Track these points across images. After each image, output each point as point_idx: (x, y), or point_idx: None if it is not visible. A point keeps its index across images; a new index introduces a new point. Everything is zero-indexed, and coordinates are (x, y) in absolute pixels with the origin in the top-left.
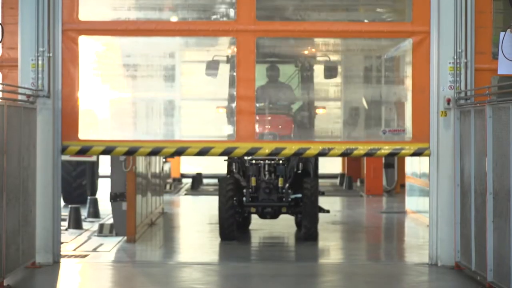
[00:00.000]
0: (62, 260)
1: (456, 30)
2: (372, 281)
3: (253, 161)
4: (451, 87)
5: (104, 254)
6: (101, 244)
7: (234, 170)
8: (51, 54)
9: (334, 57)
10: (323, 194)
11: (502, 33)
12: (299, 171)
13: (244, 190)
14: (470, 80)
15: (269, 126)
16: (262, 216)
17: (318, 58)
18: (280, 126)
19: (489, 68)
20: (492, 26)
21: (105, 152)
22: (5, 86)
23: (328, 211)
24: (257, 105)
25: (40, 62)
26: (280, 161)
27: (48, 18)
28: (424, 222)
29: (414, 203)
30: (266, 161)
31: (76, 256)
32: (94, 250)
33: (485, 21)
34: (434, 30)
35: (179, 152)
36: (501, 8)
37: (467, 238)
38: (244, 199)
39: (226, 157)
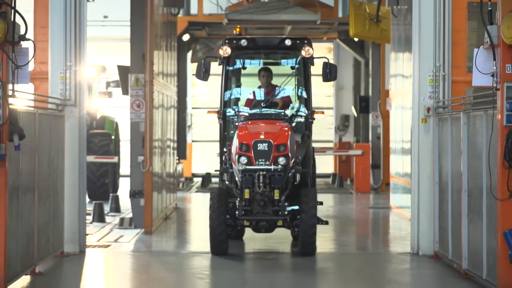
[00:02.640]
0: (87, 249)
1: (435, 47)
2: (361, 268)
3: (247, 172)
4: (430, 97)
5: (124, 244)
6: (121, 236)
7: (226, 180)
8: (77, 68)
9: None
10: (321, 204)
11: (475, 49)
12: (296, 182)
13: (237, 203)
14: (447, 91)
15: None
16: (256, 230)
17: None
18: (276, 134)
19: (464, 80)
20: (466, 43)
21: None
22: (37, 96)
23: (327, 223)
24: (251, 111)
25: (67, 75)
26: (276, 172)
27: (75, 36)
28: (406, 216)
29: (398, 200)
30: (261, 172)
31: (99, 246)
32: (116, 241)
33: (461, 39)
34: (415, 48)
35: None
36: (475, 27)
37: (445, 230)
38: (236, 212)
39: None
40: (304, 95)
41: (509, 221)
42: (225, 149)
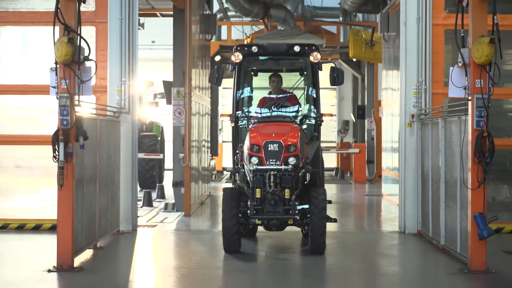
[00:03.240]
0: (138, 228)
1: (418, 66)
2: (359, 244)
3: (258, 172)
4: (414, 106)
5: (168, 224)
6: (166, 218)
7: (238, 180)
8: (130, 83)
9: None
10: (330, 202)
11: (451, 68)
12: (306, 182)
13: (249, 202)
14: (428, 101)
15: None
16: (268, 228)
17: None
18: (286, 135)
19: (442, 93)
20: (444, 63)
21: None
22: (98, 105)
23: (335, 220)
24: (262, 113)
25: (122, 88)
26: (287, 172)
27: (128, 57)
28: (395, 202)
29: (388, 189)
30: (272, 172)
31: (148, 226)
32: (161, 221)
33: (439, 59)
34: (402, 66)
35: None
36: (450, 50)
37: (426, 213)
38: (248, 212)
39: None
40: (313, 98)
41: (478, 206)
42: (237, 150)
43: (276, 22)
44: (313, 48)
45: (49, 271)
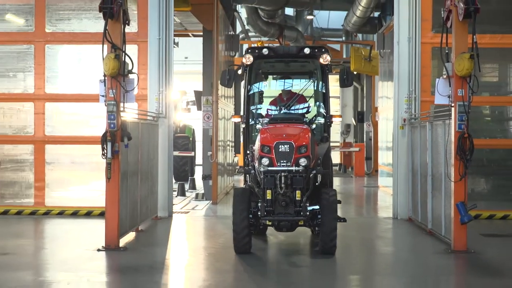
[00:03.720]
0: (173, 214)
1: (409, 78)
2: (359, 228)
3: (268, 173)
4: (406, 112)
5: (198, 211)
6: (196, 205)
7: (248, 181)
8: (167, 92)
9: None
10: (339, 202)
11: (437, 79)
12: (317, 183)
13: (259, 204)
14: (417, 107)
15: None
16: (278, 229)
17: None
18: (297, 136)
19: (429, 100)
20: (431, 75)
21: None
22: (139, 111)
23: (345, 220)
24: (272, 113)
25: (160, 97)
26: (298, 173)
27: (165, 70)
28: (389, 193)
29: (383, 181)
30: (282, 173)
31: (182, 212)
32: (193, 209)
33: (427, 72)
34: (395, 78)
35: None
36: (436, 64)
37: (416, 202)
38: (259, 213)
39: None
40: (323, 100)
41: (460, 196)
42: (248, 151)
43: (289, 41)
44: (323, 50)
45: (99, 250)
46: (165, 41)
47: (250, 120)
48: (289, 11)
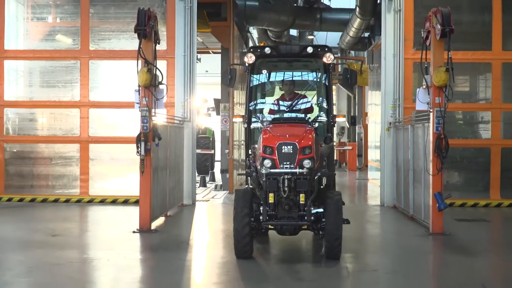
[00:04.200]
0: (196, 202)
1: (394, 88)
2: (352, 214)
3: (271, 175)
4: (391, 116)
5: (217, 199)
6: (215, 195)
7: (250, 185)
8: (190, 100)
9: None
10: (343, 204)
11: (417, 89)
12: (322, 186)
13: (261, 208)
14: (401, 112)
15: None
16: (281, 233)
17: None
18: (300, 136)
19: (411, 107)
20: (412, 85)
21: None
22: (168, 116)
23: (348, 222)
24: (275, 116)
25: (185, 104)
26: (302, 175)
27: (189, 82)
28: (377, 184)
29: (372, 175)
30: (286, 175)
31: (203, 201)
32: (212, 197)
33: (409, 82)
34: (383, 88)
35: None
36: (417, 76)
37: (399, 192)
38: (261, 218)
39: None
40: (326, 99)
41: (437, 187)
42: (250, 152)
43: None
44: (326, 49)
45: (134, 232)
46: (189, 57)
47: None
48: (293, 32)
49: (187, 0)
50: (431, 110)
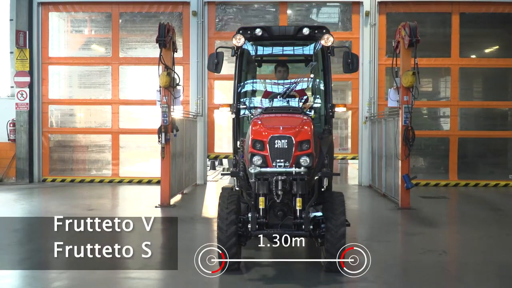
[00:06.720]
0: (207, 182)
1: (370, 88)
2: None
3: (261, 175)
4: (368, 112)
5: (225, 180)
6: (223, 177)
7: (236, 186)
8: (203, 99)
9: None
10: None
11: (389, 89)
12: (323, 188)
13: (250, 214)
14: (376, 108)
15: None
16: (273, 242)
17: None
18: (297, 128)
19: (384, 104)
20: (385, 86)
21: None
22: (184, 111)
23: (348, 225)
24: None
25: (198, 102)
26: (299, 175)
27: (202, 83)
28: (356, 167)
29: (352, 160)
30: (279, 176)
31: (213, 181)
32: (220, 178)
33: (382, 84)
34: (361, 88)
35: None
36: (388, 79)
37: (374, 174)
38: (249, 226)
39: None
40: (324, 87)
41: (405, 170)
42: (238, 146)
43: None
44: (324, 30)
45: (156, 207)
46: (201, 63)
47: (241, 110)
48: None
49: (199, 16)
50: (400, 107)
